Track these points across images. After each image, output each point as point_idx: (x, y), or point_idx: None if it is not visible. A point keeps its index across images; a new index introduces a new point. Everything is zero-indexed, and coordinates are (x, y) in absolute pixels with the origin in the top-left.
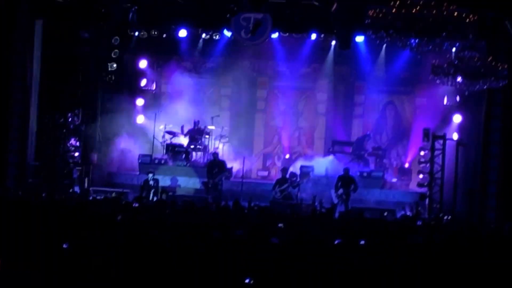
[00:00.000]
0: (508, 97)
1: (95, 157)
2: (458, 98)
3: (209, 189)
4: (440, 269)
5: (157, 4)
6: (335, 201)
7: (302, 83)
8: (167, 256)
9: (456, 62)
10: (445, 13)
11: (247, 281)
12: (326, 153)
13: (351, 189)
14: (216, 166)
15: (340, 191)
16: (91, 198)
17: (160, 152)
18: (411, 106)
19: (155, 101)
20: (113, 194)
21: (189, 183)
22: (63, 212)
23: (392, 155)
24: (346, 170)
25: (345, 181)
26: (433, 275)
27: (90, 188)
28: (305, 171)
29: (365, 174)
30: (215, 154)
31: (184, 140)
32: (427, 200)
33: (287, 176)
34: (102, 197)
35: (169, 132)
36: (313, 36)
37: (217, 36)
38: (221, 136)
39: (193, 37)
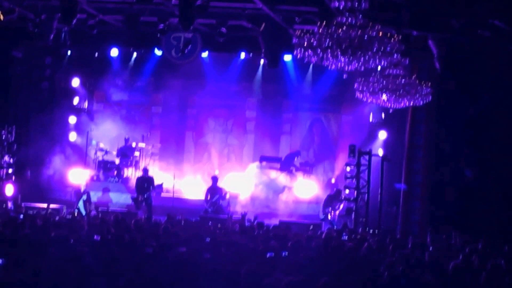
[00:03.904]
0: (430, 114)
1: (29, 173)
2: (383, 115)
3: (139, 204)
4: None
5: (89, 24)
6: (321, 217)
7: (232, 101)
8: (99, 272)
9: (381, 80)
10: (370, 32)
11: None
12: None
13: (336, 208)
14: (145, 181)
15: (328, 209)
16: (22, 216)
17: (92, 169)
18: (337, 123)
19: (87, 118)
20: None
21: (120, 198)
22: None
23: (319, 171)
24: (338, 191)
25: (332, 199)
26: None
27: (23, 204)
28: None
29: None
30: (145, 170)
31: (115, 157)
32: (353, 214)
33: (217, 185)
34: (35, 212)
35: (101, 150)
36: (242, 55)
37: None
38: (152, 153)
39: (124, 56)
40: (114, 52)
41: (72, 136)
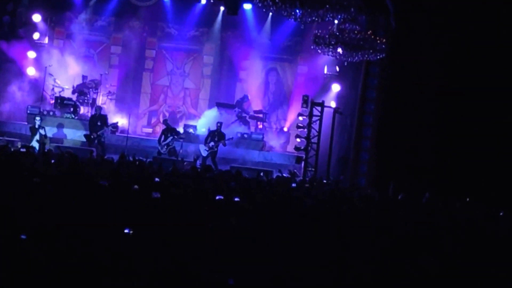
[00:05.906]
0: (383, 69)
1: None
2: (337, 68)
3: (91, 141)
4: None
5: None
6: (204, 154)
7: (190, 46)
8: (53, 204)
9: (337, 34)
10: None
11: (126, 231)
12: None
13: (220, 144)
14: (98, 119)
15: (211, 144)
16: None
17: (49, 105)
18: (292, 73)
19: (46, 54)
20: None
21: (76, 135)
22: None
23: (272, 119)
24: (219, 125)
25: (215, 135)
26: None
27: None
28: (188, 130)
29: (245, 136)
30: (98, 108)
31: (72, 94)
32: (302, 163)
33: (172, 126)
34: None
35: (58, 86)
36: (203, 0)
37: None
38: (109, 93)
39: None
40: None
41: (31, 71)
